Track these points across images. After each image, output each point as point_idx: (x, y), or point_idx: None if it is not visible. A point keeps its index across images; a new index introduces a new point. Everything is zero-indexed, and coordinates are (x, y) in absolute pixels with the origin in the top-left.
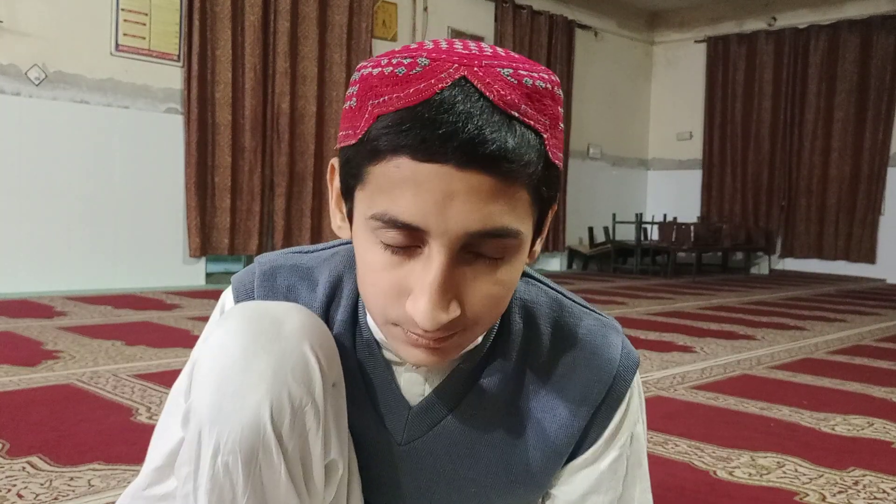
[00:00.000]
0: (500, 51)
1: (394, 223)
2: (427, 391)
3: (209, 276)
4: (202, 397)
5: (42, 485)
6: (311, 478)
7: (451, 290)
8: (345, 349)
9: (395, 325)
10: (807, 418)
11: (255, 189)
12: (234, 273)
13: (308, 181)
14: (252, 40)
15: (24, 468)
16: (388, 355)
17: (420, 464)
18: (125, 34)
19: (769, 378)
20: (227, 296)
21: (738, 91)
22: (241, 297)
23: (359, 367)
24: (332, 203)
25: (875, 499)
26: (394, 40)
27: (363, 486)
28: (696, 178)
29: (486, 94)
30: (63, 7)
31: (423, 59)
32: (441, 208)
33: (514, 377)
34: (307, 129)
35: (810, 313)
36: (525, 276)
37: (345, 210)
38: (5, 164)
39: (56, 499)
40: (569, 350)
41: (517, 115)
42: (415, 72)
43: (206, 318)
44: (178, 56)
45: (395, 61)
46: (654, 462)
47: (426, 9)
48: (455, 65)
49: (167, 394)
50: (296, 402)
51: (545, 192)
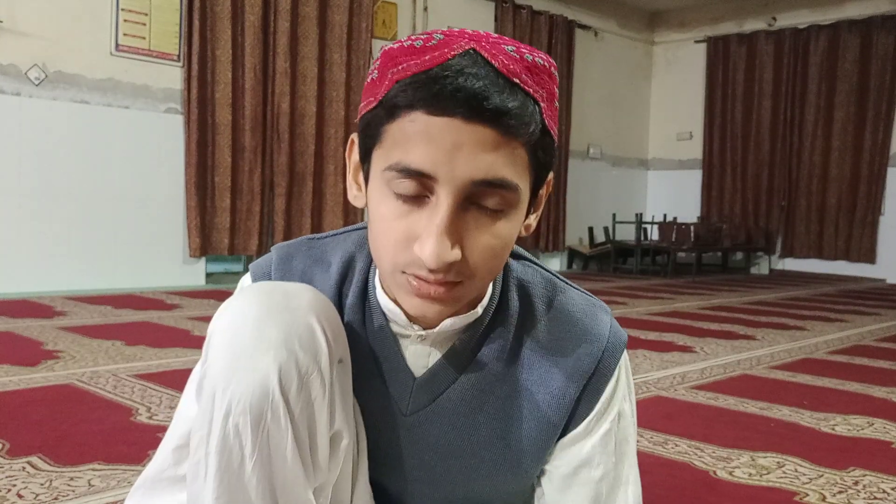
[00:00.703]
0: (504, 37)
1: (407, 171)
2: (431, 364)
3: (209, 276)
4: (216, 362)
5: (42, 485)
6: (317, 448)
7: (454, 234)
8: (356, 323)
9: (403, 272)
10: (807, 418)
11: (255, 189)
12: (234, 273)
13: (308, 181)
14: (252, 40)
15: (24, 468)
16: (395, 329)
17: (423, 434)
18: (125, 34)
19: (769, 378)
20: (245, 280)
21: (738, 91)
22: (259, 280)
23: (368, 340)
24: (350, 176)
25: (875, 499)
26: (393, 40)
27: (368, 465)
28: (695, 178)
29: (492, 62)
30: (63, 7)
31: (438, 35)
32: (449, 157)
33: (512, 350)
34: (307, 129)
35: (810, 313)
36: (521, 258)
37: (361, 180)
38: (5, 164)
39: (56, 499)
40: (562, 327)
41: (518, 82)
42: (431, 44)
43: (206, 318)
44: (178, 56)
45: (413, 37)
46: (654, 462)
47: (426, 9)
48: (466, 39)
49: (167, 394)
50: (303, 369)
51: (541, 156)
